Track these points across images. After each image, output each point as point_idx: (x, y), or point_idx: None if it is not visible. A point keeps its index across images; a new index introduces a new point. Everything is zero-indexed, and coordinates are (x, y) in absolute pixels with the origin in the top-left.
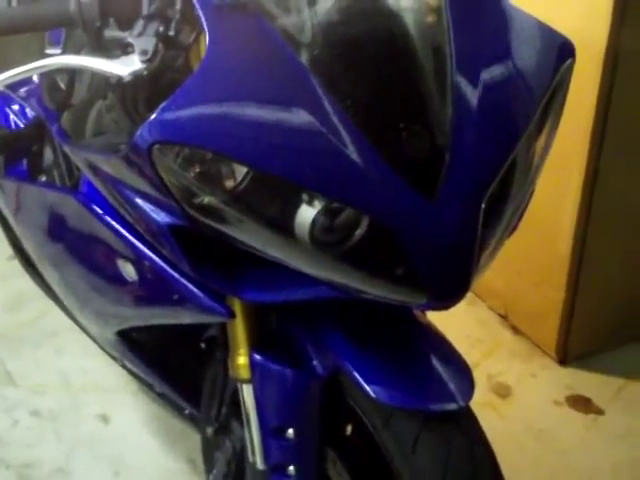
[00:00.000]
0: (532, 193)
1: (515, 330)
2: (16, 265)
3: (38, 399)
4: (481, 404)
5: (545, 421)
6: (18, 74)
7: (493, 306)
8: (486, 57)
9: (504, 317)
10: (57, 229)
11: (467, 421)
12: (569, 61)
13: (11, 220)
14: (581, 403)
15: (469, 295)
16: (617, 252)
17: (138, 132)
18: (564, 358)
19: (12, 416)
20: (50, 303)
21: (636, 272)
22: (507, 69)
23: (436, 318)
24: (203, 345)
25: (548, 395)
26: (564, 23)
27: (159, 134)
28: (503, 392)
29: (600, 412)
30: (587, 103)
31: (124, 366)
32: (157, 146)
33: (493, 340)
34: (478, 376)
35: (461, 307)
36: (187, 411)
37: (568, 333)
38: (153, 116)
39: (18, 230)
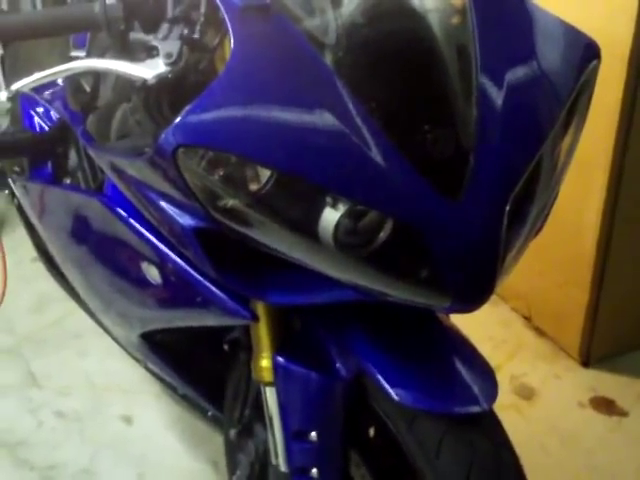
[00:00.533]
0: (557, 194)
1: (539, 331)
2: (40, 267)
3: (62, 400)
4: (505, 406)
5: (569, 423)
6: (44, 77)
7: (516, 307)
8: (511, 58)
9: (527, 318)
10: (81, 231)
11: (491, 424)
12: (594, 62)
13: (35, 222)
14: (605, 405)
15: (492, 296)
16: None
17: (163, 135)
18: (587, 360)
19: (37, 417)
20: (73, 305)
21: None
22: (532, 70)
23: (459, 320)
24: (226, 347)
25: (572, 397)
26: (588, 23)
27: (184, 137)
28: (527, 394)
29: (624, 414)
30: (612, 103)
31: (147, 368)
32: (182, 149)
33: (516, 342)
34: (501, 378)
35: (484, 308)
36: (210, 413)
37: (592, 334)
38: (178, 119)
39: (42, 232)
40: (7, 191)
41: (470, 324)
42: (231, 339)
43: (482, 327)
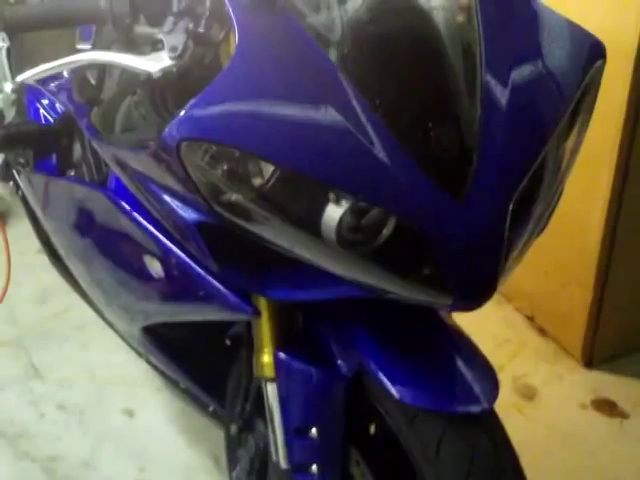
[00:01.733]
0: (561, 193)
1: (541, 331)
2: (43, 259)
3: (64, 392)
4: (506, 405)
5: (570, 424)
6: (50, 69)
7: (519, 307)
8: (516, 57)
9: (530, 318)
10: (85, 224)
11: (491, 423)
12: (599, 62)
13: (39, 214)
14: (606, 406)
15: (495, 296)
16: None
17: (167, 129)
18: (590, 361)
19: (38, 409)
20: (76, 297)
21: None
22: (537, 69)
23: (462, 318)
24: (228, 342)
25: (574, 398)
26: (593, 22)
27: (188, 131)
28: (529, 394)
29: (625, 416)
30: (617, 102)
31: (149, 361)
32: (185, 143)
33: (519, 341)
34: (504, 377)
35: (487, 308)
36: (211, 408)
37: (595, 335)
38: (182, 113)
39: (46, 224)
40: (11, 183)
41: (473, 323)
42: (233, 334)
43: (485, 326)
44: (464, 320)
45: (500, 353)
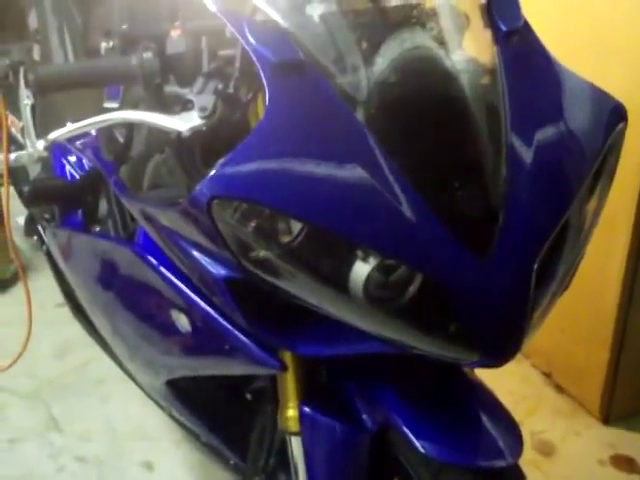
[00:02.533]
0: (584, 254)
1: (559, 388)
2: (64, 313)
3: (83, 445)
4: (525, 462)
5: None
6: (81, 127)
7: (537, 364)
8: (540, 118)
9: (548, 375)
10: (111, 278)
11: (515, 478)
12: (621, 124)
13: (64, 268)
14: (625, 463)
15: None
16: None
17: (198, 187)
18: (608, 417)
19: (58, 462)
20: (96, 351)
21: None
22: (560, 131)
23: (480, 375)
24: (249, 396)
25: (592, 454)
26: (615, 87)
27: (219, 189)
28: (547, 450)
29: None
30: (635, 163)
31: (171, 415)
32: (216, 201)
33: (536, 398)
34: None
35: (505, 365)
36: (232, 461)
37: (612, 392)
38: (213, 172)
39: (70, 278)
40: (35, 237)
41: (490, 379)
42: (254, 388)
43: (502, 383)
44: (482, 376)
45: (518, 409)
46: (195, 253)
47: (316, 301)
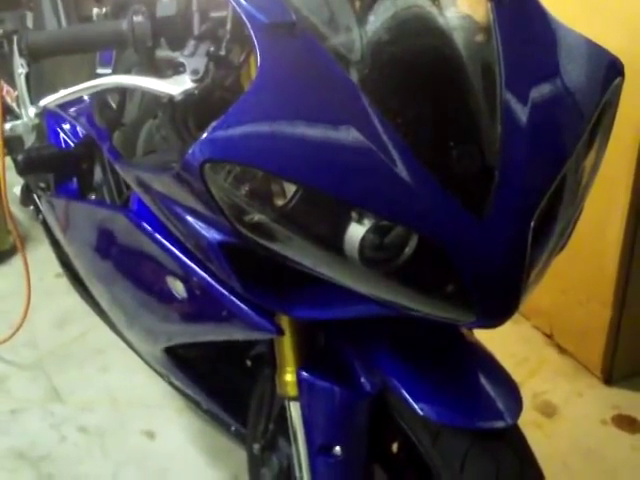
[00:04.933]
0: (581, 211)
1: (560, 349)
2: (63, 282)
3: (85, 415)
4: (526, 423)
5: (591, 441)
6: (72, 93)
7: (538, 325)
8: (535, 75)
9: (549, 336)
10: (106, 246)
11: (515, 439)
12: (618, 79)
13: (60, 237)
14: (627, 423)
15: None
16: None
17: (190, 150)
18: (610, 377)
19: (60, 432)
20: (96, 320)
21: None
22: (556, 87)
23: (480, 337)
24: (249, 362)
25: (594, 414)
26: (607, 41)
27: (211, 152)
28: (549, 411)
29: None
30: (635, 120)
31: (171, 383)
32: (209, 164)
33: (538, 359)
34: (523, 395)
35: (506, 326)
36: (233, 428)
37: (614, 352)
38: (205, 135)
39: (67, 247)
40: (32, 207)
41: (492, 341)
42: (254, 354)
43: (504, 344)
44: (483, 338)
45: (519, 371)
46: (189, 218)
47: (311, 264)
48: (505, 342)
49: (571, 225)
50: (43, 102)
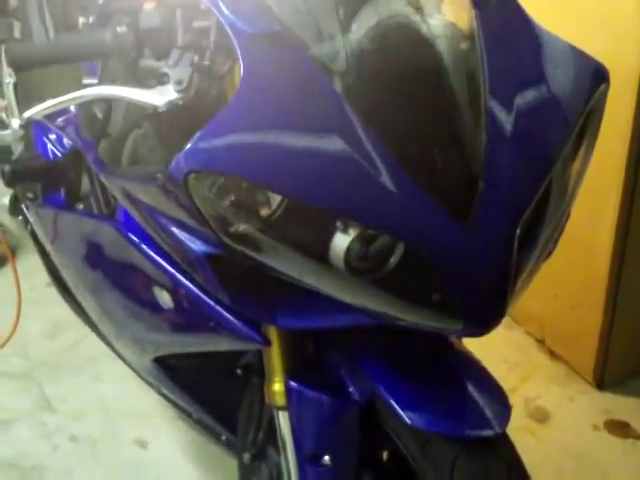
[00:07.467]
0: (568, 217)
1: (552, 354)
2: (54, 292)
3: (77, 425)
4: (519, 428)
5: (583, 446)
6: (57, 104)
7: (530, 330)
8: (520, 82)
9: (541, 341)
10: (94, 256)
11: (503, 446)
12: (603, 86)
13: (48, 248)
14: (619, 428)
15: (506, 319)
16: None
17: (174, 161)
18: (601, 382)
19: (51, 442)
20: (87, 330)
21: None
22: (541, 94)
23: (472, 343)
24: (239, 372)
25: (586, 419)
26: (592, 47)
27: (195, 163)
28: (541, 416)
29: (638, 436)
30: (622, 126)
31: (161, 393)
32: (193, 175)
33: (530, 364)
34: (515, 401)
35: (498, 331)
36: (224, 437)
37: (606, 357)
38: (188, 145)
39: (55, 258)
40: (20, 217)
41: (484, 347)
42: (244, 364)
43: (496, 350)
44: (475, 344)
45: (511, 376)
46: (175, 230)
47: (297, 274)
48: (497, 348)
49: (558, 231)
50: (28, 113)
